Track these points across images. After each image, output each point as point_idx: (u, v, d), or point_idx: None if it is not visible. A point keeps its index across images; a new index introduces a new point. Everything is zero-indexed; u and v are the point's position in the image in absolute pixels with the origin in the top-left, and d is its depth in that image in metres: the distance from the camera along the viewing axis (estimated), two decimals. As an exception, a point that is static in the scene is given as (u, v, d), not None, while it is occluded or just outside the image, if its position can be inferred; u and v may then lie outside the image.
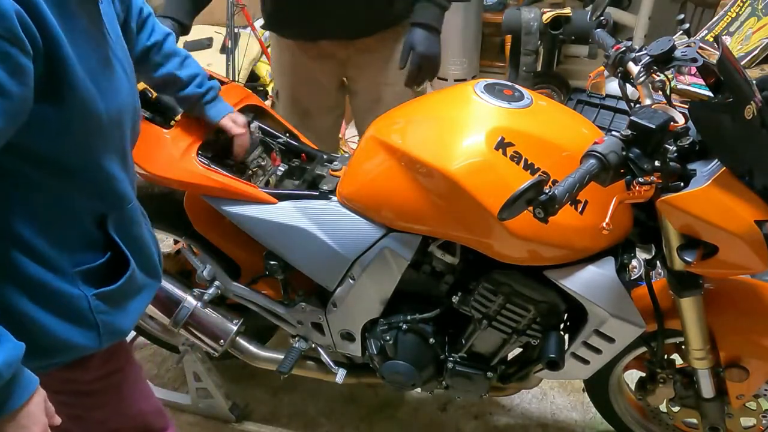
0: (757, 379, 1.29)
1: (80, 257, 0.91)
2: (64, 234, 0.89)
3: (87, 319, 0.92)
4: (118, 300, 0.96)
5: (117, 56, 0.91)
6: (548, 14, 2.80)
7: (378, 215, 1.31)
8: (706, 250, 1.06)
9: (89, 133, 0.85)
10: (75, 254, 0.91)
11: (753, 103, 0.97)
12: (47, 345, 0.89)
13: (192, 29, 1.71)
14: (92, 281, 0.93)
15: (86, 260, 0.92)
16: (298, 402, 1.96)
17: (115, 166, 0.92)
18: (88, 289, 0.91)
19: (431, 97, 1.42)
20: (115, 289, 0.95)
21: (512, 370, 1.52)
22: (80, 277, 0.91)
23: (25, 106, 0.75)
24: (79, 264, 0.91)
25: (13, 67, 0.71)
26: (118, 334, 0.99)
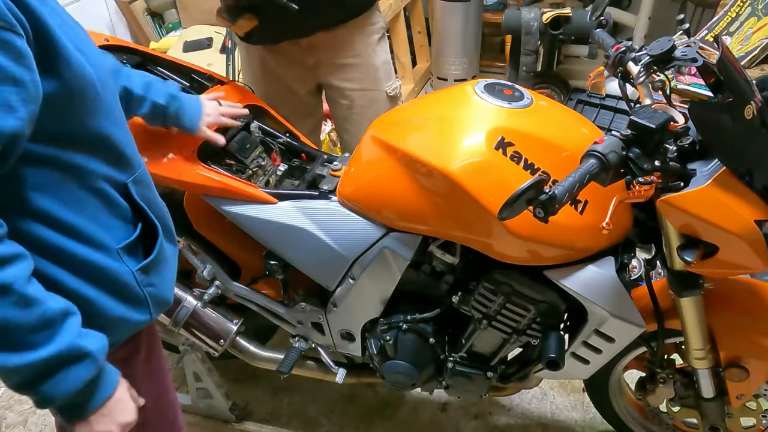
0: (757, 379, 1.29)
1: (119, 233, 0.92)
2: (98, 211, 0.89)
3: (136, 293, 0.94)
4: (157, 270, 0.98)
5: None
6: (548, 14, 2.80)
7: (378, 215, 1.31)
8: (706, 250, 1.06)
9: (90, 101, 0.85)
10: (113, 230, 0.91)
11: (753, 103, 0.97)
12: (105, 324, 0.90)
13: (192, 29, 1.69)
14: (133, 255, 0.94)
15: (124, 235, 0.93)
16: (298, 402, 1.96)
17: (119, 131, 0.93)
18: (132, 263, 0.93)
19: (431, 97, 1.43)
20: (153, 260, 0.96)
21: (512, 370, 1.52)
22: (124, 252, 0.92)
23: (38, 90, 0.75)
24: (120, 240, 0.92)
25: (17, 54, 0.72)
26: (163, 305, 1.01)
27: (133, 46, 1.60)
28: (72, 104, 0.82)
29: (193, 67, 1.61)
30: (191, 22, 3.38)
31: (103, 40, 1.52)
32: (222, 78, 1.61)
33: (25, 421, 1.92)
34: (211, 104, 1.37)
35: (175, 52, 3.17)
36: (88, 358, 0.81)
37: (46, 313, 0.77)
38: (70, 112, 0.83)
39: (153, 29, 3.54)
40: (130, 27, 3.45)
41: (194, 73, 1.59)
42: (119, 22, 3.39)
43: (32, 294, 0.76)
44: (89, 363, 0.81)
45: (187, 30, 3.33)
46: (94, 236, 0.88)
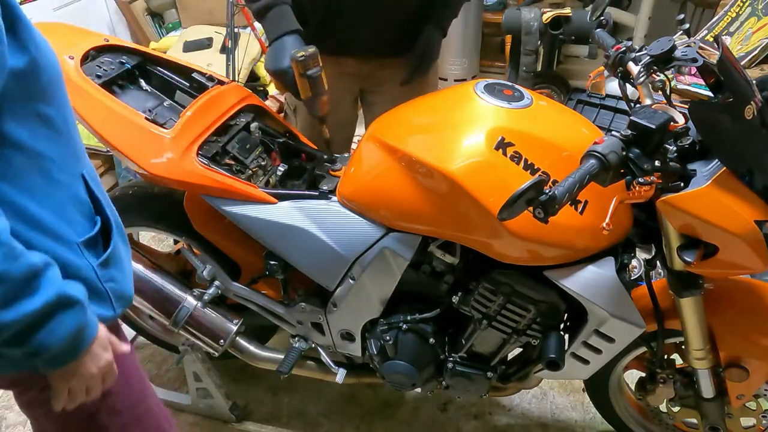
0: (757, 379, 1.29)
1: (80, 227, 0.90)
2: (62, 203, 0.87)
3: (98, 289, 0.91)
4: (116, 265, 0.95)
5: None
6: (548, 14, 2.80)
7: (378, 215, 1.31)
8: (706, 250, 1.06)
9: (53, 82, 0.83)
10: (75, 224, 0.89)
11: (753, 103, 0.97)
12: None
13: (192, 29, 1.69)
14: (93, 250, 0.91)
15: (85, 229, 0.90)
16: (298, 402, 1.96)
17: (72, 119, 0.90)
18: (92, 258, 0.90)
19: (431, 97, 1.42)
20: (111, 254, 0.93)
21: (512, 370, 1.52)
22: (85, 247, 0.89)
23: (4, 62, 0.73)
24: (80, 234, 0.89)
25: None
26: (125, 300, 0.98)
27: (133, 46, 1.60)
28: (39, 84, 0.80)
29: (193, 67, 1.61)
30: (191, 22, 3.38)
31: (102, 40, 1.52)
32: (222, 78, 1.61)
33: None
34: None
35: (175, 52, 3.17)
36: (77, 305, 0.81)
37: (32, 264, 0.75)
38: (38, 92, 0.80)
39: (153, 29, 3.54)
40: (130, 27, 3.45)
41: (194, 73, 1.59)
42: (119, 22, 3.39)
43: (16, 245, 0.74)
44: (79, 309, 0.81)
45: (187, 30, 3.33)
46: (57, 229, 0.85)
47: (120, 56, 1.52)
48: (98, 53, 1.49)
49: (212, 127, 1.46)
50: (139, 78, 1.55)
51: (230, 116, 1.51)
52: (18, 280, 0.73)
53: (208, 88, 1.55)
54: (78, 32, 1.56)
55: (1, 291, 0.72)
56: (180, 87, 1.58)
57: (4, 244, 0.72)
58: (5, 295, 0.73)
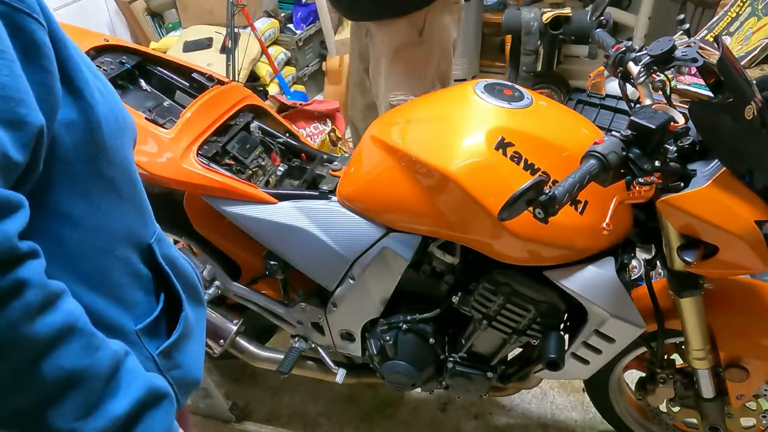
0: (757, 379, 1.29)
1: (139, 309, 0.73)
2: (119, 284, 0.70)
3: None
4: (182, 348, 0.77)
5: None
6: (548, 14, 2.80)
7: (378, 215, 1.31)
8: (706, 250, 1.06)
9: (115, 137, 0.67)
10: (134, 308, 0.72)
11: (753, 103, 0.97)
12: None
13: (192, 29, 1.69)
14: (154, 336, 0.74)
15: (145, 312, 0.74)
16: (298, 402, 1.96)
17: (137, 176, 0.74)
18: (152, 346, 0.73)
19: (431, 97, 1.42)
20: (177, 339, 0.76)
21: (512, 370, 1.52)
22: (144, 334, 0.72)
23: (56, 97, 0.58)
24: (140, 318, 0.72)
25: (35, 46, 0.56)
26: (192, 386, 0.80)
27: (133, 46, 1.60)
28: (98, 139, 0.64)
29: (193, 67, 1.61)
30: (191, 22, 3.38)
31: (102, 40, 1.52)
32: (222, 78, 1.61)
33: None
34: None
35: (175, 52, 3.17)
36: (165, 399, 0.65)
37: (115, 354, 0.60)
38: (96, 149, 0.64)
39: (153, 29, 3.54)
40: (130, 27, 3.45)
41: (194, 73, 1.59)
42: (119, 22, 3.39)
43: (96, 332, 0.58)
44: (168, 403, 0.66)
45: (187, 30, 3.33)
46: (111, 319, 0.68)
47: (120, 56, 1.52)
48: (98, 53, 1.49)
49: (212, 127, 1.46)
50: (139, 78, 1.55)
51: (230, 116, 1.51)
52: (102, 377, 0.58)
53: (208, 88, 1.55)
54: (77, 32, 1.56)
55: (85, 394, 0.56)
56: (180, 87, 1.58)
57: (84, 332, 0.57)
58: (89, 399, 0.57)
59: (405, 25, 1.77)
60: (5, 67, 0.52)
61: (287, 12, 3.63)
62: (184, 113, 1.43)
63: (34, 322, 0.52)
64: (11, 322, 0.50)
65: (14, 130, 0.51)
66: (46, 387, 0.54)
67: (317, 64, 3.72)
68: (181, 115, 1.43)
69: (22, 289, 0.51)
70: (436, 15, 1.78)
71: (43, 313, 0.53)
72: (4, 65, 0.52)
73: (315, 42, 3.68)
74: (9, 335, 0.50)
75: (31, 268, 0.52)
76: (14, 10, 0.54)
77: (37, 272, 0.53)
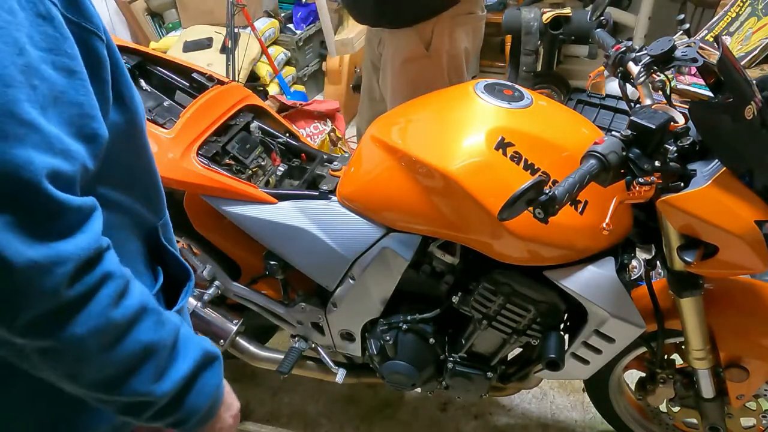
0: (757, 379, 1.29)
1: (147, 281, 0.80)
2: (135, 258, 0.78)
3: None
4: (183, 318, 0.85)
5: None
6: (548, 14, 2.80)
7: (378, 215, 1.31)
8: (706, 251, 1.06)
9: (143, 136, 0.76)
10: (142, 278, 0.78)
11: (753, 103, 0.97)
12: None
13: (192, 29, 1.69)
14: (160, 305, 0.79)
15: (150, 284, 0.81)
16: (298, 402, 1.96)
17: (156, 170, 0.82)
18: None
19: (431, 96, 1.42)
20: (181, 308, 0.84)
21: (512, 370, 1.52)
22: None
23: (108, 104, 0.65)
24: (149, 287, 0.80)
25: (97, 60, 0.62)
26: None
27: (133, 46, 1.60)
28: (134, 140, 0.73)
29: (193, 67, 1.61)
30: (191, 22, 3.38)
31: None
32: (222, 78, 1.61)
33: None
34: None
35: (175, 52, 3.17)
36: (217, 360, 0.74)
37: (175, 325, 0.69)
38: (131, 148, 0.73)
39: (153, 29, 3.54)
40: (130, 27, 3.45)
41: (194, 73, 1.59)
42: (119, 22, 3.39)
43: (162, 309, 0.67)
44: (218, 363, 0.75)
45: (187, 30, 3.33)
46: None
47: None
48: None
49: (212, 127, 1.46)
50: (139, 78, 1.55)
51: (230, 116, 1.51)
52: (168, 346, 0.67)
53: (208, 88, 1.55)
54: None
55: (158, 361, 0.65)
56: (180, 87, 1.58)
57: (154, 311, 0.65)
58: (160, 365, 0.65)
59: (413, 36, 1.76)
60: (82, 87, 0.58)
61: (287, 12, 3.63)
62: (184, 113, 1.43)
63: (118, 306, 0.60)
64: (102, 308, 0.58)
65: (90, 143, 0.59)
66: (130, 358, 0.62)
67: (317, 64, 3.72)
68: (181, 115, 1.43)
69: (108, 279, 0.59)
70: (445, 27, 1.76)
71: (124, 298, 0.61)
72: (81, 85, 0.58)
73: (315, 42, 3.69)
74: (101, 320, 0.58)
75: (110, 260, 0.60)
76: (85, 31, 0.60)
77: (116, 263, 0.61)
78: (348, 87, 3.38)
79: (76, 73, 0.58)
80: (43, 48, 0.55)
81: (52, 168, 0.53)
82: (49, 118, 0.54)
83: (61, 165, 0.54)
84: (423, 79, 1.77)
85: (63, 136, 0.55)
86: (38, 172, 0.51)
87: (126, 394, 0.64)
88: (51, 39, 0.55)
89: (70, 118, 0.57)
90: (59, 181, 0.54)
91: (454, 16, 1.76)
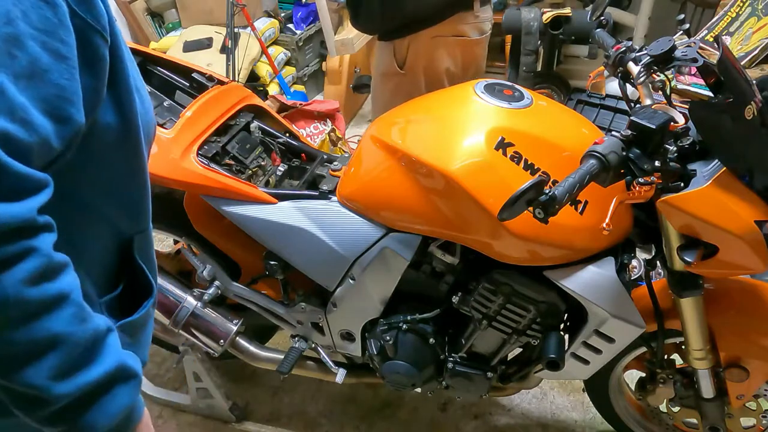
0: (757, 379, 1.29)
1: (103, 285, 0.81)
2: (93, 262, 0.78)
3: None
4: (136, 331, 0.85)
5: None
6: (548, 14, 2.80)
7: (378, 215, 1.31)
8: (706, 251, 1.06)
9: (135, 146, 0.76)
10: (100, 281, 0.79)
11: (753, 103, 0.97)
12: None
13: (192, 29, 1.69)
14: (113, 312, 0.81)
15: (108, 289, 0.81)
16: (298, 402, 1.96)
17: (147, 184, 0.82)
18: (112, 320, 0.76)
19: (431, 97, 1.42)
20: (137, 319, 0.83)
21: (512, 370, 1.52)
22: (105, 307, 0.79)
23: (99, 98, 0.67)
24: (103, 292, 0.80)
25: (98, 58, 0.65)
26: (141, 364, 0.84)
27: (133, 46, 1.60)
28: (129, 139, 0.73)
29: (193, 67, 1.61)
30: (191, 22, 3.38)
31: None
32: (222, 78, 1.61)
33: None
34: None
35: (175, 52, 3.17)
36: (133, 379, 0.70)
37: (98, 328, 0.65)
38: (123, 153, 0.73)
39: (153, 29, 3.54)
40: (130, 27, 3.45)
41: (194, 73, 1.59)
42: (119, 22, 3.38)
43: (86, 307, 0.65)
44: (134, 384, 0.70)
45: (187, 30, 3.33)
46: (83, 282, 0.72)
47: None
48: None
49: (212, 127, 1.46)
50: (139, 78, 1.54)
51: (230, 116, 1.51)
52: (81, 346, 0.63)
53: (208, 88, 1.55)
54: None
55: (63, 358, 0.61)
56: (180, 87, 1.58)
57: (75, 303, 0.63)
58: (65, 362, 0.62)
59: (387, 52, 1.79)
60: (67, 71, 0.60)
61: (287, 12, 3.63)
62: (184, 113, 1.43)
63: (35, 286, 0.58)
64: (14, 281, 0.57)
65: (60, 124, 0.60)
66: (34, 344, 0.60)
67: (317, 64, 3.72)
68: (181, 115, 1.43)
69: (29, 255, 0.58)
70: (422, 46, 1.77)
71: (45, 279, 0.59)
72: (67, 71, 0.60)
73: (315, 42, 3.69)
74: (11, 293, 0.57)
75: (42, 239, 0.59)
76: (87, 26, 0.63)
77: (47, 244, 0.60)
78: (348, 87, 3.38)
79: (65, 58, 0.60)
80: (37, 27, 0.58)
81: (5, 131, 0.55)
82: (20, 89, 0.56)
83: (17, 132, 0.56)
84: (400, 95, 1.78)
85: (29, 107, 0.57)
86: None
87: (20, 383, 0.60)
88: (47, 22, 0.58)
89: (45, 95, 0.59)
90: (10, 145, 0.55)
91: (435, 36, 1.76)
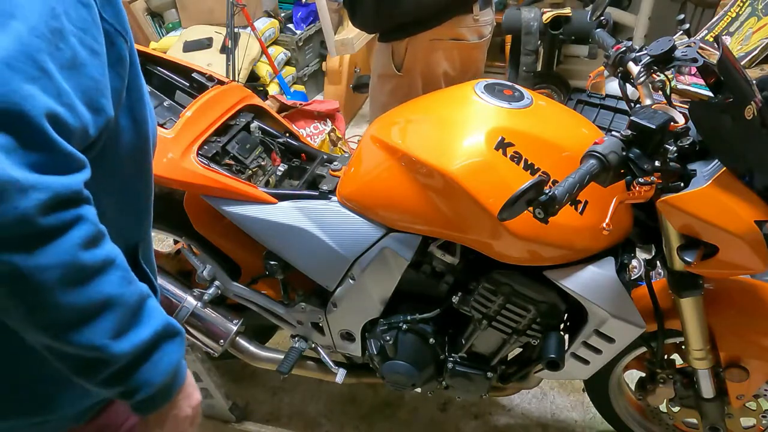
0: (757, 379, 1.29)
1: None
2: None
3: None
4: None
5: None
6: (548, 14, 2.80)
7: (378, 215, 1.31)
8: (706, 251, 1.06)
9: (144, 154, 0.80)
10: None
11: (753, 103, 0.97)
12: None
13: (192, 29, 1.69)
14: None
15: None
16: (298, 402, 1.96)
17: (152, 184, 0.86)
18: None
19: (431, 97, 1.42)
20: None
21: (512, 370, 1.52)
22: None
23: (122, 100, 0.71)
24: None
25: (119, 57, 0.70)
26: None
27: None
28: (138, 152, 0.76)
29: (193, 67, 1.61)
30: (191, 22, 3.38)
31: None
32: (222, 78, 1.61)
33: None
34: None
35: (175, 52, 3.17)
36: (179, 336, 0.75)
37: (142, 290, 0.70)
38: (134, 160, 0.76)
39: (153, 29, 3.54)
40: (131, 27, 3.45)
41: (194, 73, 1.59)
42: (119, 21, 3.39)
43: (130, 270, 0.69)
44: (180, 341, 0.75)
45: (187, 30, 3.33)
46: None
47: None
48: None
49: (212, 127, 1.46)
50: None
51: (230, 116, 1.51)
52: (131, 307, 0.68)
53: (208, 88, 1.55)
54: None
55: (118, 318, 0.66)
56: (180, 87, 1.58)
57: (122, 267, 0.67)
58: (120, 322, 0.66)
59: (385, 54, 1.79)
60: (101, 67, 0.66)
61: (287, 12, 3.63)
62: (184, 113, 1.43)
63: (87, 250, 0.62)
64: (70, 246, 0.60)
65: (95, 114, 0.64)
66: (91, 306, 0.63)
67: (317, 64, 3.72)
68: (181, 115, 1.43)
69: (80, 221, 0.61)
70: (420, 49, 1.77)
71: (94, 245, 0.63)
72: (100, 66, 0.66)
73: (315, 42, 3.69)
74: (68, 257, 0.60)
75: (89, 209, 0.63)
76: (115, 31, 0.70)
77: (93, 213, 0.64)
78: (348, 87, 3.38)
79: (99, 54, 0.65)
80: (77, 25, 0.62)
81: (54, 111, 0.58)
82: (64, 77, 0.60)
83: (64, 114, 0.59)
84: (397, 97, 1.79)
85: (72, 95, 0.60)
86: (39, 108, 0.56)
87: (82, 345, 0.64)
88: (85, 21, 0.64)
89: (84, 87, 0.62)
90: (58, 125, 0.58)
91: (432, 39, 1.76)
